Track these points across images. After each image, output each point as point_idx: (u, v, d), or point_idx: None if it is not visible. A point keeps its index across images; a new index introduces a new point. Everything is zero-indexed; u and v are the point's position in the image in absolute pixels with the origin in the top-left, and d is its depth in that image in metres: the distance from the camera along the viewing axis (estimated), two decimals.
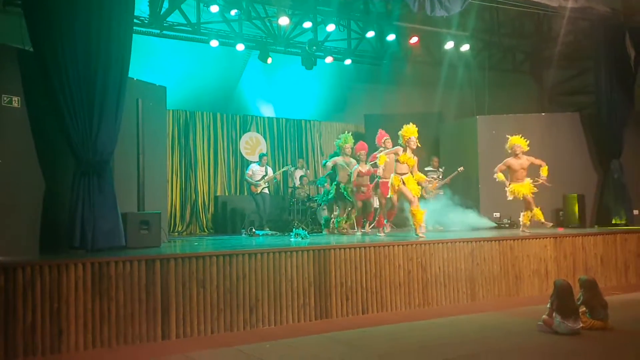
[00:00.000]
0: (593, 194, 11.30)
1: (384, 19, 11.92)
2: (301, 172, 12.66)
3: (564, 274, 7.98)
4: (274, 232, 10.64)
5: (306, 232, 9.03)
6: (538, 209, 9.37)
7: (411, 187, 8.37)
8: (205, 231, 12.61)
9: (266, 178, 11.19)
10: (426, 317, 6.58)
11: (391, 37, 12.01)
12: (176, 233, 12.18)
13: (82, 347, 5.21)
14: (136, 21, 9.49)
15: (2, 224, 5.91)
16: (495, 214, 10.96)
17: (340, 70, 13.09)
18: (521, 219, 9.46)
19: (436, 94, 13.27)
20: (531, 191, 9.34)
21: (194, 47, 11.30)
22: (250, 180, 11.19)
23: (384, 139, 9.56)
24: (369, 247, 6.89)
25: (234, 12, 10.54)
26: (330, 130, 14.55)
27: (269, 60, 11.55)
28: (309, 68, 11.91)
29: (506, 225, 10.74)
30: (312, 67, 11.92)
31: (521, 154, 9.41)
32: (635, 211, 11.20)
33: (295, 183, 12.39)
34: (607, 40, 11.03)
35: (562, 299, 5.54)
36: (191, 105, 12.74)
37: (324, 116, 14.69)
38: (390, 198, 8.84)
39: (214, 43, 10.91)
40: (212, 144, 13.17)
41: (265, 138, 13.86)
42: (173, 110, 12.39)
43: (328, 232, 10.07)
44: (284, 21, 10.66)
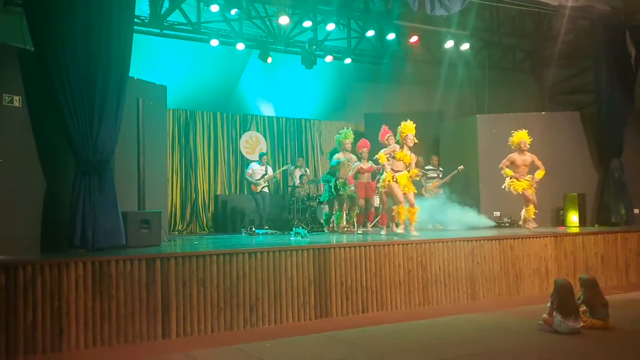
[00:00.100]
0: (593, 193, 11.28)
1: (384, 18, 11.91)
2: (301, 171, 12.67)
3: (565, 273, 7.98)
4: (273, 231, 10.64)
5: (306, 231, 9.04)
6: (532, 207, 9.38)
7: (404, 185, 8.29)
8: (205, 230, 12.62)
9: (266, 177, 11.19)
10: (426, 316, 6.59)
11: (391, 36, 11.99)
12: (176, 232, 12.19)
13: (82, 345, 5.22)
14: (137, 21, 9.50)
15: (3, 222, 5.91)
16: (495, 213, 10.96)
17: (340, 69, 13.09)
18: (522, 214, 9.49)
19: (436, 93, 13.25)
20: (530, 187, 9.33)
21: (194, 47, 11.29)
22: (250, 179, 11.19)
23: (387, 135, 9.55)
24: (369, 246, 6.89)
25: (234, 12, 10.52)
26: (330, 129, 14.52)
27: (269, 59, 11.56)
28: (309, 67, 11.91)
29: (506, 224, 10.73)
30: (312, 66, 11.92)
31: (525, 150, 9.43)
32: (636, 210, 11.19)
33: (295, 182, 12.39)
34: (608, 39, 11.01)
35: (562, 298, 5.55)
36: (191, 104, 12.75)
37: (324, 115, 14.69)
38: (381, 194, 8.83)
39: (214, 42, 10.90)
40: (212, 143, 13.18)
41: (265, 137, 13.87)
42: (173, 109, 12.41)
43: (329, 229, 10.09)
44: (284, 20, 10.67)
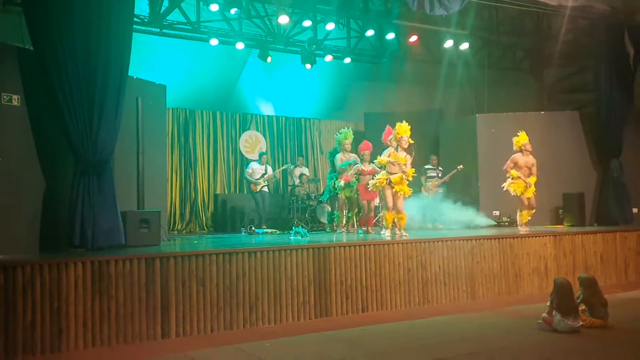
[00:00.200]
0: (593, 192, 11.27)
1: (383, 18, 11.90)
2: (301, 170, 12.66)
3: (564, 272, 7.98)
4: (273, 231, 10.64)
5: (306, 230, 9.05)
6: (526, 212, 9.36)
7: (399, 187, 8.20)
8: (204, 229, 12.62)
9: (266, 176, 11.18)
10: (426, 315, 6.59)
11: (390, 35, 11.98)
12: (176, 231, 12.19)
13: (81, 345, 5.21)
14: (136, 20, 9.48)
15: (2, 222, 5.91)
16: (494, 212, 10.96)
17: (340, 68, 13.08)
18: (517, 217, 9.51)
19: (436, 92, 13.24)
20: (526, 190, 9.29)
21: (193, 46, 11.28)
22: (249, 178, 11.18)
23: (390, 137, 9.51)
24: (369, 245, 6.89)
25: (233, 11, 10.51)
26: (330, 128, 14.53)
27: (269, 58, 11.55)
28: (311, 63, 11.88)
29: (506, 224, 10.73)
30: (311, 65, 11.91)
31: (529, 151, 9.41)
32: (635, 209, 11.20)
33: (295, 181, 12.38)
34: (607, 39, 11.01)
35: (562, 297, 5.55)
36: (191, 103, 12.75)
37: (323, 114, 14.69)
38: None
39: (214, 42, 10.89)
40: (211, 143, 13.18)
41: (264, 136, 13.87)
42: (173, 108, 12.41)
43: (331, 228, 10.11)
44: (283, 20, 10.66)
